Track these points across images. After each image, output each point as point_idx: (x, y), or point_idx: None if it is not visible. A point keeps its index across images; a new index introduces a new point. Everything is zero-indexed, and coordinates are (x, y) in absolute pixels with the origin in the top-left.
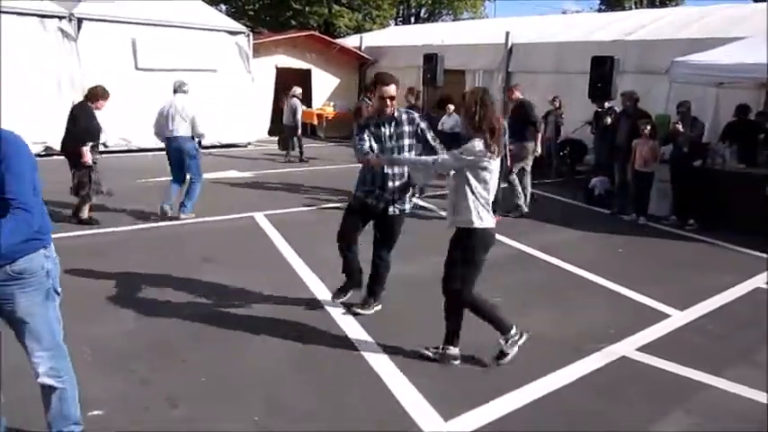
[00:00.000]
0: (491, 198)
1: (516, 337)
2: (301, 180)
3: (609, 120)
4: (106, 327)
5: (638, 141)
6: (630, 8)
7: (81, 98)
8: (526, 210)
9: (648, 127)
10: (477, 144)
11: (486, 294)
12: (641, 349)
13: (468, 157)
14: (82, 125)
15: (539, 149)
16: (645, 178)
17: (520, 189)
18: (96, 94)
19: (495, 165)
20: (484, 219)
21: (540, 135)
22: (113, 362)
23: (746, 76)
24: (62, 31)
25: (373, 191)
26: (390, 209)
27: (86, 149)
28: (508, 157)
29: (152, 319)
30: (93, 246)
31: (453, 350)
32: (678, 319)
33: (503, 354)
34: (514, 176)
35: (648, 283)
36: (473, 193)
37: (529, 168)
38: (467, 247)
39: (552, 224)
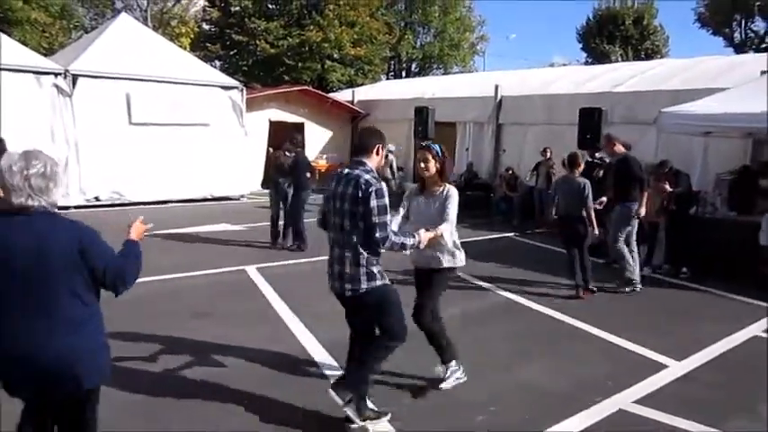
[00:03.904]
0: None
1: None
2: None
3: (601, 172)
4: None
5: (647, 192)
6: (617, 60)
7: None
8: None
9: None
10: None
11: (477, 346)
12: (639, 402)
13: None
14: None
15: (642, 211)
16: (655, 228)
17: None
18: None
19: None
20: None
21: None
22: None
23: (733, 125)
24: (57, 87)
25: None
26: None
27: None
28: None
29: (134, 380)
30: None
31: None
32: (675, 369)
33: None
34: (621, 245)
35: (644, 333)
36: None
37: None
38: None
39: (544, 273)
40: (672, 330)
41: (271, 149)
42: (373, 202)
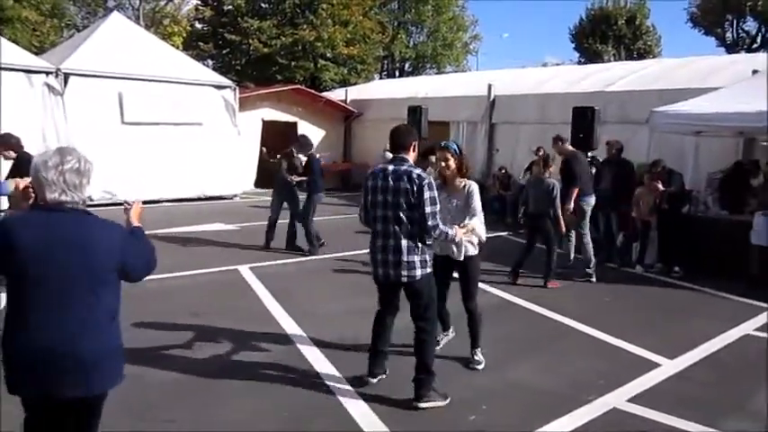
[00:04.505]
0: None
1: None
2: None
3: (593, 170)
4: None
5: (640, 191)
6: (609, 60)
7: None
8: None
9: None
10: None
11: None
12: (632, 400)
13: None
14: None
15: (569, 206)
16: (647, 227)
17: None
18: None
19: None
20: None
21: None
22: None
23: (725, 124)
24: (48, 86)
25: None
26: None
27: None
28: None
29: (138, 377)
30: None
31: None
32: (668, 368)
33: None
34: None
35: (636, 332)
36: None
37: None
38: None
39: (536, 272)
40: (664, 329)
41: (264, 149)
42: (426, 194)
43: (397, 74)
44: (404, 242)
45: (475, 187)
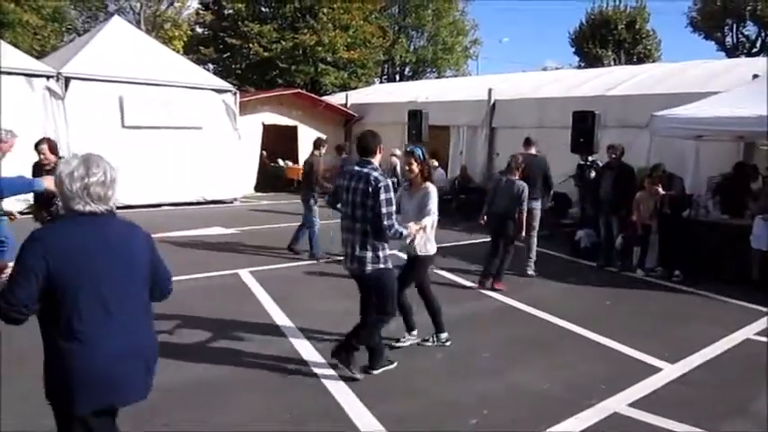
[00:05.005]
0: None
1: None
2: (287, 235)
3: (593, 173)
4: None
5: (641, 195)
6: (609, 64)
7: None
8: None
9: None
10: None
11: (470, 348)
12: (633, 405)
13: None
14: None
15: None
16: (648, 231)
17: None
18: None
19: None
20: None
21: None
22: None
23: (725, 129)
24: (49, 90)
25: None
26: None
27: None
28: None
29: None
30: None
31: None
32: (669, 372)
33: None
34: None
35: (637, 336)
36: None
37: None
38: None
39: (538, 277)
40: (665, 333)
41: (264, 152)
42: (382, 196)
43: (397, 78)
44: (358, 238)
45: (432, 189)
